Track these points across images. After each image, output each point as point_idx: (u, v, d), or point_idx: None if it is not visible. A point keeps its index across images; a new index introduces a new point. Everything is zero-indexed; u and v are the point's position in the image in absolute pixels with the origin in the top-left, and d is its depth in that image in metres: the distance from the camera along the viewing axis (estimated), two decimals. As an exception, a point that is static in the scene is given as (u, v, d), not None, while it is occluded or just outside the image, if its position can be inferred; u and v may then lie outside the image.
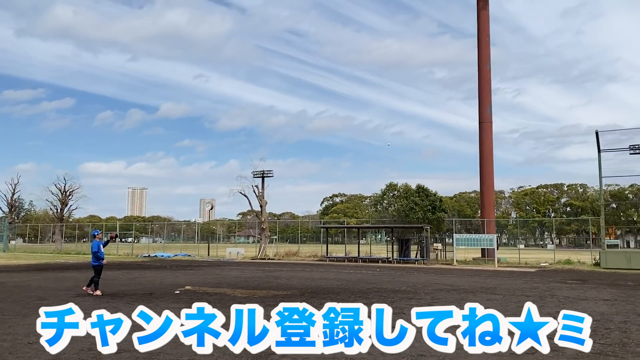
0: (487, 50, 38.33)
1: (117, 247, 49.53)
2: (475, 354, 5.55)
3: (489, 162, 36.92)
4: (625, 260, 29.77)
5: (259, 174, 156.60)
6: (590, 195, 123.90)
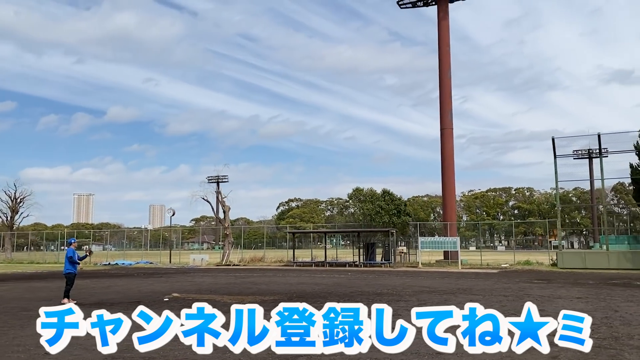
0: (448, 59, 39.57)
1: (73, 256, 48.03)
2: (475, 354, 5.69)
3: (450, 168, 38.09)
4: (580, 261, 31.34)
5: (214, 179, 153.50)
6: (537, 198, 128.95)
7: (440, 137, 38.74)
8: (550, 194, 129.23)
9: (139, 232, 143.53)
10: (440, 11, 40.19)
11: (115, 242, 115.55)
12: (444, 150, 38.37)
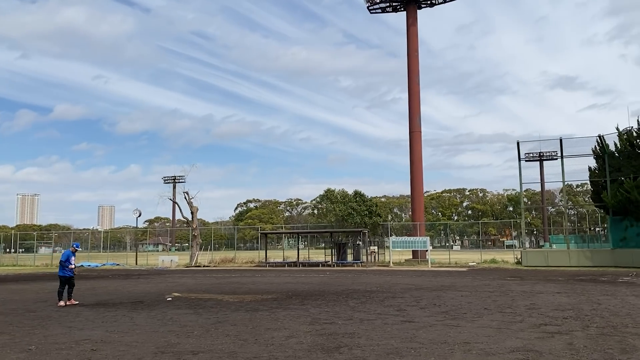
0: (417, 64, 40.73)
1: (34, 258, 46.73)
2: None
3: (419, 169, 39.25)
4: (543, 259, 32.98)
5: (170, 180, 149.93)
6: (490, 199, 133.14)
7: (409, 140, 39.85)
8: (502, 195, 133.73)
9: (91, 234, 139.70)
10: (409, 17, 41.33)
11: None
12: (413, 152, 39.50)
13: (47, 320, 11.59)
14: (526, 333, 9.30)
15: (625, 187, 30.60)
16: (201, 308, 13.32)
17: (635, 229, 30.52)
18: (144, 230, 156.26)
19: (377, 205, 42.67)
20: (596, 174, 33.48)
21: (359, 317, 11.43)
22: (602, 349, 7.87)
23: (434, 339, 8.84)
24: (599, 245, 51.70)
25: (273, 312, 12.31)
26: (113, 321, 11.25)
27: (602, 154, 33.16)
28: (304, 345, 8.36)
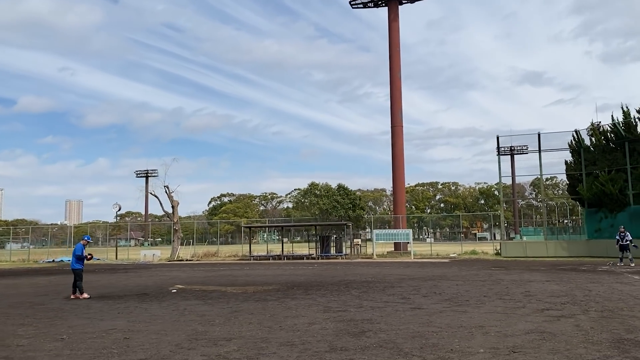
0: (398, 60, 41.29)
1: (9, 254, 45.95)
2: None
3: (400, 163, 39.92)
4: (522, 250, 34.05)
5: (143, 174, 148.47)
6: (462, 192, 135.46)
7: (391, 134, 40.48)
8: (474, 188, 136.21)
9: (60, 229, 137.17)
10: (391, 13, 41.84)
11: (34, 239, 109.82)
12: (395, 146, 40.15)
13: (61, 312, 11.71)
14: (533, 317, 9.86)
15: (601, 181, 31.79)
16: (209, 299, 13.58)
17: (609, 220, 31.75)
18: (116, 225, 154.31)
19: (360, 198, 43.23)
20: (572, 167, 34.65)
21: (368, 305, 11.87)
22: (608, 330, 8.47)
23: (449, 323, 9.33)
24: (568, 237, 53.12)
25: (282, 302, 12.66)
26: (129, 312, 11.44)
27: (578, 148, 34.32)
28: (329, 331, 8.74)
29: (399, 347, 7.43)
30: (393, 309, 11.12)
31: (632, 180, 30.85)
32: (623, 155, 31.50)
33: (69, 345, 7.98)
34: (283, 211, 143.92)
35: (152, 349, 7.59)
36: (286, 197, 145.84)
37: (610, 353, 6.89)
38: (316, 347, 7.48)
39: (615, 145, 32.27)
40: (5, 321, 10.50)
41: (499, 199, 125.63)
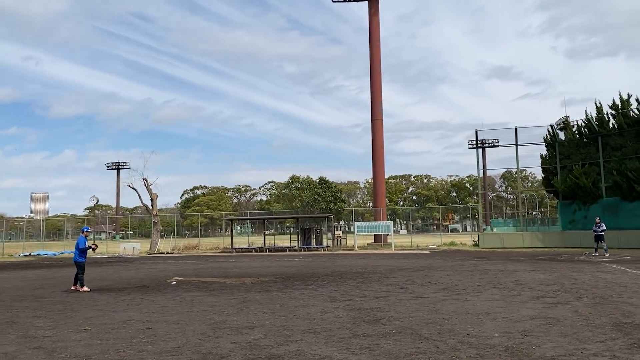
0: (378, 54, 41.75)
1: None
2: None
3: (380, 156, 40.48)
4: (499, 241, 35.04)
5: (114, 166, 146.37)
6: (434, 185, 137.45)
7: (371, 128, 41.01)
8: (445, 181, 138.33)
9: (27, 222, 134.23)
10: (371, 7, 42.22)
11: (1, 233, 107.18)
12: (375, 140, 40.68)
13: (69, 305, 11.79)
14: (531, 304, 10.41)
15: (575, 174, 32.91)
16: (212, 290, 13.81)
17: (582, 212, 32.93)
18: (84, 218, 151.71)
19: (341, 191, 43.67)
20: (547, 161, 35.73)
21: (371, 294, 12.29)
22: (606, 315, 9.05)
23: (455, 310, 9.80)
24: (537, 228, 54.54)
25: (286, 292, 12.98)
26: (137, 304, 11.60)
27: (552, 142, 35.40)
28: (344, 319, 9.11)
29: (418, 332, 7.85)
30: (397, 298, 11.56)
31: (604, 173, 32.04)
32: (596, 150, 32.66)
33: (95, 335, 8.16)
34: (257, 204, 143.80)
35: (180, 338, 7.83)
36: (260, 190, 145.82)
37: (615, 335, 7.43)
38: (339, 334, 7.83)
39: (589, 139, 33.42)
40: (17, 314, 10.56)
41: (470, 191, 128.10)
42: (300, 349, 6.96)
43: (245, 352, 6.81)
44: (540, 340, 7.21)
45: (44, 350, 7.25)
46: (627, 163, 30.55)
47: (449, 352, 6.62)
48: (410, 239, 40.08)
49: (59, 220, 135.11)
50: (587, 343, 6.99)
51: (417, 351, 6.72)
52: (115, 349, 7.17)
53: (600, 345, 6.87)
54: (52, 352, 7.12)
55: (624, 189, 30.52)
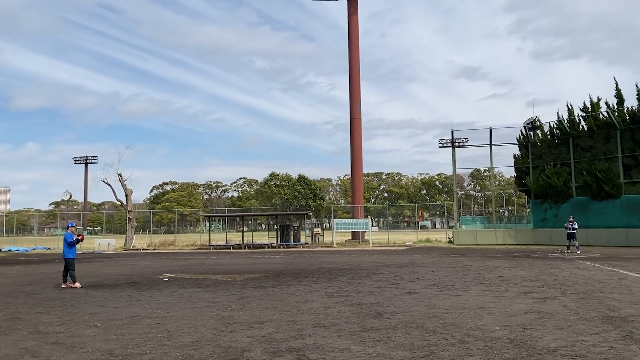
0: (357, 53, 42.18)
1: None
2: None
3: (359, 154, 40.97)
4: (473, 238, 35.95)
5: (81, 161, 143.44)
6: (405, 182, 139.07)
7: (349, 126, 41.43)
8: (416, 178, 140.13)
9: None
10: (350, 7, 42.60)
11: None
12: (353, 138, 41.15)
13: (67, 301, 11.82)
14: (521, 299, 10.93)
15: (547, 174, 34.00)
16: (207, 286, 13.97)
17: (553, 210, 34.06)
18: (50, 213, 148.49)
19: (320, 189, 43.97)
20: (520, 160, 36.78)
21: (365, 290, 12.66)
22: (594, 309, 9.61)
23: (451, 305, 10.24)
24: (503, 225, 55.68)
25: (281, 289, 13.25)
26: (137, 300, 11.71)
27: (525, 143, 36.46)
28: (348, 314, 9.45)
29: (423, 326, 8.23)
30: (391, 294, 11.95)
31: (575, 173, 33.20)
32: (567, 150, 33.80)
33: (108, 331, 8.29)
34: (228, 200, 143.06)
35: (194, 333, 8.04)
36: (232, 186, 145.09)
37: (606, 328, 7.95)
38: (349, 328, 8.16)
39: (560, 140, 34.55)
40: (18, 310, 10.57)
41: (440, 189, 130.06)
42: (317, 342, 7.26)
43: (265, 346, 7.08)
44: (539, 332, 7.68)
45: (63, 345, 7.37)
46: (596, 164, 31.74)
47: (458, 345, 7.01)
48: (388, 235, 40.75)
49: (23, 215, 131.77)
50: (583, 335, 7.48)
51: (428, 343, 7.10)
52: (135, 344, 7.34)
53: (595, 337, 7.37)
54: (72, 347, 7.25)
55: (594, 188, 31.70)
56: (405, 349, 6.80)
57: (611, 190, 30.89)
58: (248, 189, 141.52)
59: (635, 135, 30.57)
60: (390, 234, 46.56)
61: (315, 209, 39.65)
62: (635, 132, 30.59)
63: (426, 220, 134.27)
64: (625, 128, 30.99)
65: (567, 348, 6.75)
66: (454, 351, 6.68)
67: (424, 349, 6.82)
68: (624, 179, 30.83)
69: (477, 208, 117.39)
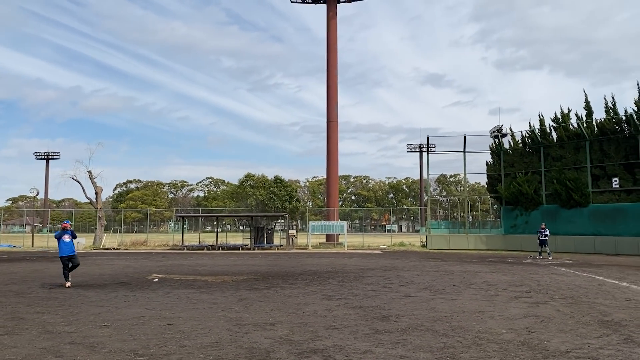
0: (335, 57, 42.49)
1: None
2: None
3: (335, 157, 41.26)
4: (446, 242, 36.66)
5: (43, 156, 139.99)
6: (373, 186, 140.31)
7: (326, 129, 41.71)
8: (384, 182, 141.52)
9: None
10: (329, 11, 42.92)
11: None
12: (330, 140, 41.42)
13: (59, 301, 11.65)
14: (514, 303, 11.33)
15: (518, 181, 34.98)
16: (200, 288, 13.94)
17: (524, 217, 35.05)
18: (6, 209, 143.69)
19: (296, 190, 44.06)
20: (492, 168, 37.72)
21: (361, 293, 12.86)
22: (587, 314, 10.05)
23: (451, 309, 10.54)
24: (468, 230, 56.73)
25: (276, 291, 13.34)
26: (134, 300, 11.62)
27: (498, 151, 37.41)
28: (354, 317, 9.62)
29: (432, 329, 8.49)
30: (387, 297, 12.20)
31: (545, 181, 34.26)
32: (538, 159, 34.86)
33: (121, 331, 8.25)
34: (194, 200, 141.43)
35: (210, 334, 8.08)
36: (198, 186, 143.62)
37: (606, 331, 8.36)
38: (361, 330, 8.34)
39: (532, 149, 35.60)
40: (16, 310, 10.37)
41: (407, 193, 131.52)
42: (336, 344, 7.42)
43: (287, 347, 7.20)
44: (545, 336, 8.02)
45: (81, 345, 7.32)
46: (566, 173, 32.83)
47: (474, 347, 7.28)
48: (362, 239, 41.17)
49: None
50: (587, 338, 7.86)
51: (445, 345, 7.34)
52: (155, 344, 7.36)
53: (599, 340, 7.76)
54: (92, 347, 7.21)
55: (563, 197, 32.78)
56: (425, 351, 7.03)
57: (580, 199, 32.01)
58: (215, 188, 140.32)
59: (604, 146, 31.77)
60: (367, 237, 47.00)
61: (291, 211, 39.73)
62: (603, 143, 31.81)
63: (393, 224, 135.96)
64: (594, 139, 32.18)
65: (578, 351, 7.09)
66: (473, 353, 6.94)
67: (442, 351, 7.06)
68: (592, 188, 31.99)
69: (442, 213, 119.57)
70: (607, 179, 31.51)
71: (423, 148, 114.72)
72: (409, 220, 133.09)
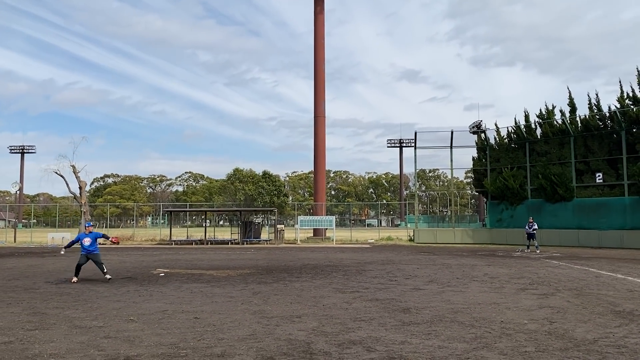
0: (323, 52, 42.54)
1: None
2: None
3: (322, 152, 41.38)
4: (433, 237, 37.14)
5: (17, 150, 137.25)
6: (352, 181, 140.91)
7: (314, 124, 41.79)
8: (363, 177, 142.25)
9: None
10: (317, 6, 42.91)
11: None
12: (317, 136, 41.52)
13: (72, 296, 11.57)
14: (524, 295, 11.62)
15: (504, 176, 35.59)
16: (210, 282, 13.96)
17: (509, 211, 35.71)
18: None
19: (285, 185, 44.06)
20: (478, 163, 38.29)
21: (372, 287, 13.03)
22: (597, 304, 10.38)
23: (465, 301, 10.78)
24: (447, 225, 57.71)
25: (286, 284, 13.43)
26: (149, 295, 11.61)
27: (484, 146, 37.98)
28: (374, 309, 9.79)
29: (457, 320, 8.70)
30: (399, 290, 12.40)
31: (530, 176, 34.95)
32: (524, 154, 35.51)
33: (151, 325, 8.27)
34: (172, 194, 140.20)
35: (241, 327, 8.16)
36: (177, 180, 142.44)
37: (623, 321, 8.67)
38: (389, 322, 8.51)
39: (517, 145, 36.24)
40: (34, 305, 10.28)
41: (386, 188, 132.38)
42: (371, 335, 7.57)
43: (324, 339, 7.32)
44: (568, 325, 8.29)
45: (118, 339, 7.33)
46: (551, 168, 33.53)
47: (505, 337, 7.50)
48: (350, 233, 41.44)
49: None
50: (608, 328, 8.15)
51: (476, 336, 7.55)
52: (192, 338, 7.41)
53: (621, 329, 8.05)
54: (130, 341, 7.23)
55: (548, 191, 33.48)
56: (459, 341, 7.22)
57: (564, 193, 32.73)
58: (194, 183, 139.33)
59: (588, 142, 32.52)
60: (355, 232, 47.28)
61: (279, 206, 39.75)
62: (587, 139, 32.55)
63: (372, 219, 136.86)
64: (578, 135, 32.91)
65: (604, 340, 7.36)
66: (506, 342, 7.16)
67: (476, 341, 7.26)
68: (576, 183, 32.74)
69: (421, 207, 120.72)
70: (591, 174, 32.28)
71: (403, 143, 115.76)
72: (388, 215, 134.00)
